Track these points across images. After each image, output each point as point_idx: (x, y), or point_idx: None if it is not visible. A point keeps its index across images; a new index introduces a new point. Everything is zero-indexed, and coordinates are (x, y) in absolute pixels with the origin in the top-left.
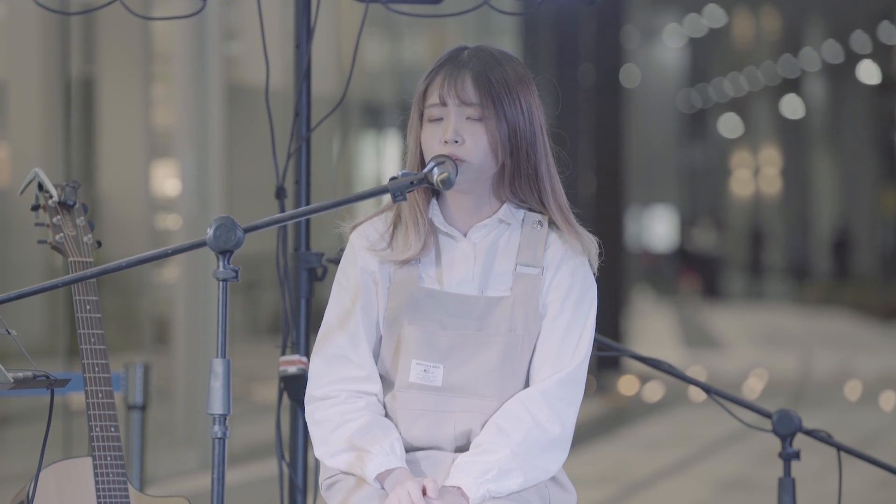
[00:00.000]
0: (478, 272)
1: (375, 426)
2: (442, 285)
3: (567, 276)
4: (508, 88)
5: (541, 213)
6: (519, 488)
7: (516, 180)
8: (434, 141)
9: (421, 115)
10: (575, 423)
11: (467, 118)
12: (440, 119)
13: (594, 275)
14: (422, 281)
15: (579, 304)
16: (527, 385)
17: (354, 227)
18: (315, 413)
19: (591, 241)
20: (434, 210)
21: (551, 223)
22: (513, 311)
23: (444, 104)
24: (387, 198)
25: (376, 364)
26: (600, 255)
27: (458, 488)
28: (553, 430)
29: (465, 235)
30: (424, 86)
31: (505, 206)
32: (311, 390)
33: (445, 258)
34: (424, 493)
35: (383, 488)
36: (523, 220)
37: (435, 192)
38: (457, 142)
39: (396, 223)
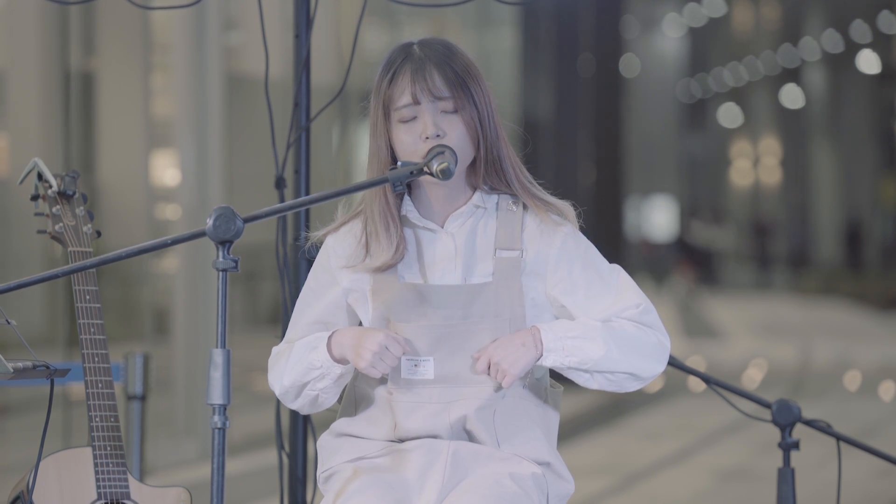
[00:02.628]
0: (460, 261)
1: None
2: (426, 279)
3: (559, 252)
4: (471, 76)
5: (511, 195)
6: (599, 359)
7: (484, 166)
8: (411, 139)
9: (387, 117)
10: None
11: (442, 112)
12: (413, 118)
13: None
14: (402, 278)
15: (586, 265)
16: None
17: (328, 233)
18: (270, 359)
19: (566, 206)
20: (408, 206)
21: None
22: (496, 295)
23: (417, 103)
24: (356, 202)
25: None
26: (579, 216)
27: (536, 328)
28: (653, 336)
29: (441, 227)
30: (390, 89)
31: (477, 192)
32: (269, 372)
33: (426, 252)
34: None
35: (336, 361)
36: (497, 205)
37: (408, 189)
38: (438, 135)
39: (369, 233)
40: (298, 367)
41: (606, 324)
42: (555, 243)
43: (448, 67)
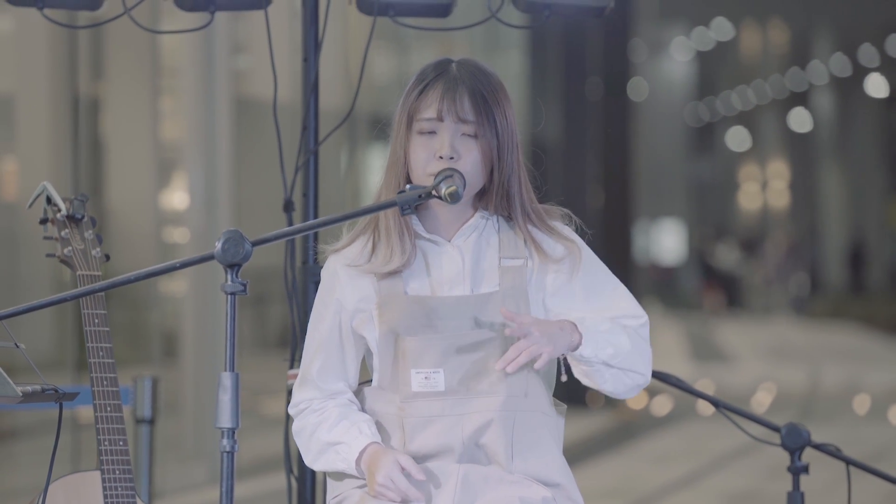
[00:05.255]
0: (467, 272)
1: (343, 418)
2: (433, 291)
3: (560, 264)
4: (500, 106)
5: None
6: (627, 353)
7: (495, 197)
8: (425, 154)
9: (409, 127)
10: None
11: (462, 135)
12: (432, 133)
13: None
14: (408, 291)
15: (587, 273)
16: (530, 374)
17: (334, 251)
18: (294, 426)
19: (566, 223)
20: (414, 221)
21: None
22: (504, 304)
23: (440, 119)
24: (361, 220)
25: (377, 379)
26: (587, 236)
27: (566, 319)
28: (649, 347)
29: (448, 241)
30: (418, 101)
31: (479, 210)
32: (289, 408)
33: (433, 265)
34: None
35: (363, 473)
36: (498, 216)
37: None
38: (452, 157)
39: (376, 241)
40: (327, 465)
41: (619, 323)
42: (557, 253)
43: (479, 93)
